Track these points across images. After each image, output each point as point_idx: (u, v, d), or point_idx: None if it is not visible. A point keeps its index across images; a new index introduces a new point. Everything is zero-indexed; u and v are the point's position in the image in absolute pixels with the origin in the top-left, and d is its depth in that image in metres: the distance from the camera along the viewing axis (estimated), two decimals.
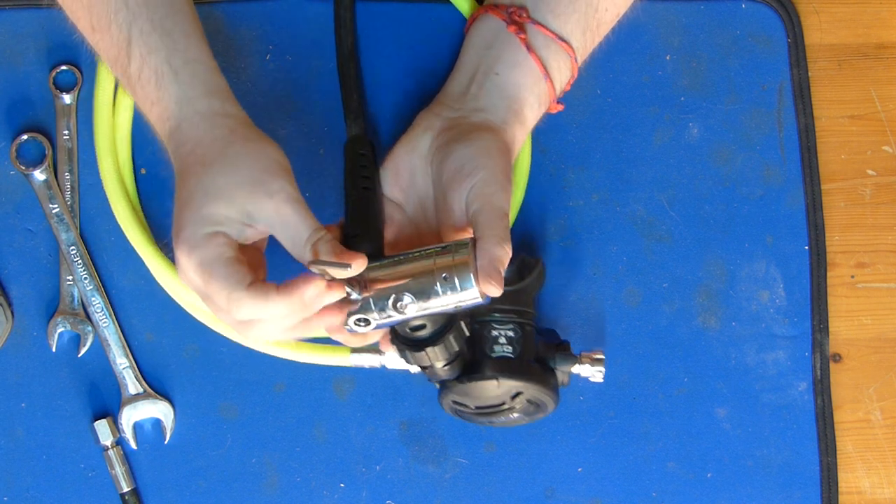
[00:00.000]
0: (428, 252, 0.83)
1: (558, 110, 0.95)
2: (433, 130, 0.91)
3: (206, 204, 0.80)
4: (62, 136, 0.98)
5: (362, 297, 0.81)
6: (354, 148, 0.93)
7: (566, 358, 0.90)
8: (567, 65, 0.92)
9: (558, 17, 0.91)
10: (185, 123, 0.82)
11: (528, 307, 0.90)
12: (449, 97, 0.93)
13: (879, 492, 0.98)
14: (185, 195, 0.81)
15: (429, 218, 0.91)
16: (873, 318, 1.00)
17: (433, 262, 0.82)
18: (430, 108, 0.93)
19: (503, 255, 0.82)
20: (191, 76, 0.83)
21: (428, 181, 0.90)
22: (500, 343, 0.88)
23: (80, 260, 0.96)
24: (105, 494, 0.95)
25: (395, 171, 0.91)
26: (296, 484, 0.96)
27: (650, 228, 0.99)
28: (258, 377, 0.96)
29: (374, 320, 0.82)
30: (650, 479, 0.97)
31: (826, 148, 1.01)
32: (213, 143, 0.82)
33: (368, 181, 0.91)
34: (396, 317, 0.82)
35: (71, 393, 0.96)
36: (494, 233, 0.83)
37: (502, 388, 0.87)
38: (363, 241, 0.86)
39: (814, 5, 1.03)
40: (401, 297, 0.81)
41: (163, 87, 0.82)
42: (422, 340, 0.84)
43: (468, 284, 0.81)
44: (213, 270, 0.79)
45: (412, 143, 0.91)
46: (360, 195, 0.89)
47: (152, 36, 0.83)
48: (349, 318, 0.82)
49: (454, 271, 0.81)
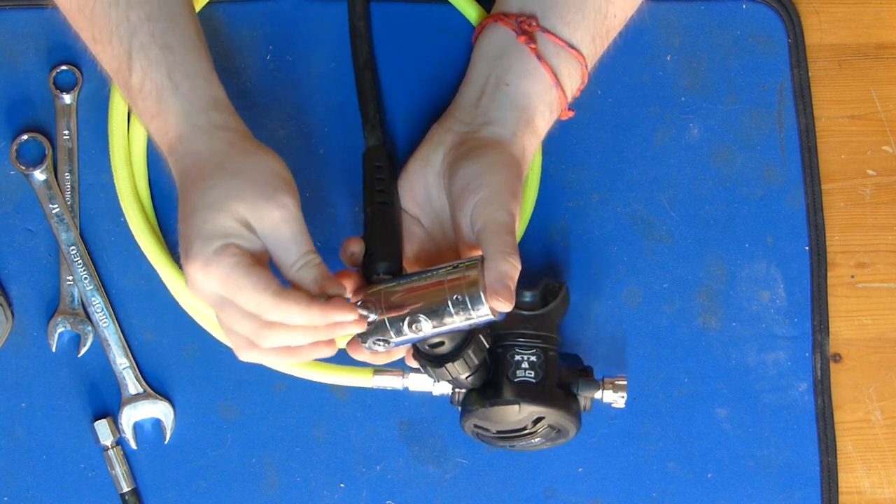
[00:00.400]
0: (439, 272, 0.83)
1: (569, 117, 0.94)
2: (445, 146, 0.91)
3: (209, 218, 0.80)
4: (62, 136, 0.98)
5: (378, 318, 0.82)
6: (371, 160, 0.94)
7: (589, 384, 0.90)
8: (578, 72, 0.92)
9: (568, 25, 0.91)
10: (184, 137, 0.82)
11: (551, 332, 0.90)
12: (460, 110, 0.92)
13: (879, 492, 0.98)
14: (189, 210, 0.81)
15: (447, 233, 0.91)
16: (873, 318, 1.00)
17: (444, 283, 0.82)
18: (441, 122, 0.93)
19: (510, 270, 0.82)
20: (191, 90, 0.83)
21: (443, 197, 0.90)
22: (522, 368, 0.88)
23: (80, 260, 0.96)
24: (105, 494, 0.95)
25: (409, 187, 0.92)
26: (296, 484, 0.96)
27: (650, 228, 0.99)
28: (258, 377, 0.96)
29: (392, 340, 0.83)
30: (650, 480, 0.97)
31: (826, 148, 1.01)
32: (212, 156, 0.82)
33: (385, 195, 0.91)
34: (413, 336, 0.83)
35: (71, 393, 0.96)
36: (499, 248, 0.83)
37: (524, 413, 0.87)
38: (380, 258, 0.86)
39: (814, 5, 1.03)
40: (416, 318, 0.82)
41: (163, 100, 0.82)
42: (442, 356, 0.85)
43: (479, 304, 0.81)
44: (237, 280, 0.79)
45: (425, 159, 0.91)
46: (375, 210, 0.90)
47: (153, 49, 0.82)
48: (368, 338, 0.83)
49: (464, 291, 0.81)
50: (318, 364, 0.95)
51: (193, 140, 0.82)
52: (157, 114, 0.83)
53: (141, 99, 0.83)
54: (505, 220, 0.85)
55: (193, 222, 0.80)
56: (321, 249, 0.95)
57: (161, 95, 0.82)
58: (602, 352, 0.98)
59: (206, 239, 0.79)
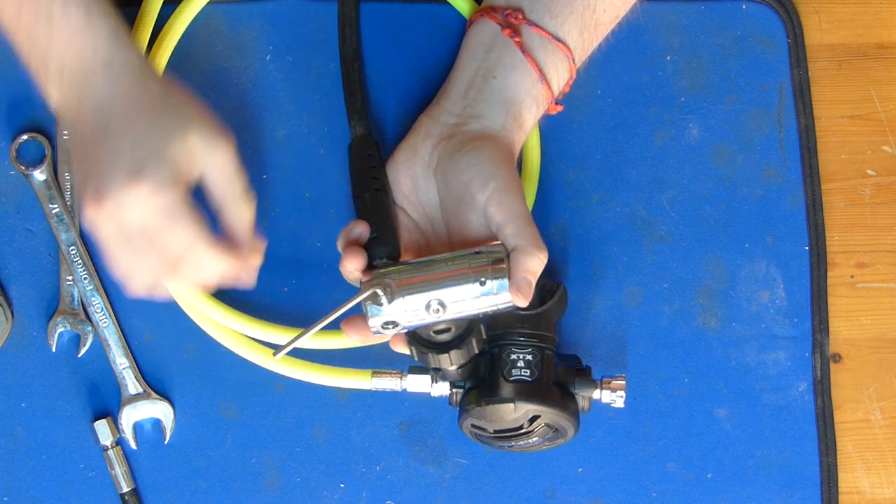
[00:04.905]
0: (461, 258, 0.83)
1: (558, 111, 0.95)
2: (433, 138, 0.91)
3: (164, 145, 0.80)
4: (62, 136, 0.98)
5: (390, 301, 0.82)
6: (362, 148, 0.93)
7: (586, 383, 0.90)
8: (565, 66, 0.92)
9: (555, 18, 0.91)
10: (122, 62, 0.82)
11: (548, 332, 0.90)
12: (448, 99, 0.92)
13: (879, 492, 0.98)
14: (141, 132, 0.80)
15: (435, 226, 0.91)
16: (873, 318, 1.00)
17: (469, 268, 0.83)
18: (429, 113, 0.93)
19: (537, 265, 0.83)
20: (118, 19, 0.82)
21: (431, 190, 0.90)
22: (518, 367, 0.88)
23: (80, 260, 0.96)
24: (105, 494, 0.95)
25: (396, 177, 0.91)
26: (296, 484, 0.96)
27: (650, 228, 0.99)
28: (258, 377, 0.96)
29: (401, 323, 0.83)
30: (650, 480, 0.97)
31: (826, 148, 1.01)
32: (156, 86, 0.82)
33: (378, 182, 0.91)
34: (426, 320, 0.83)
35: (71, 393, 0.96)
36: (528, 242, 0.84)
37: (519, 412, 0.87)
38: (382, 243, 0.86)
39: (814, 5, 1.03)
40: (434, 301, 0.82)
41: (92, 20, 0.81)
42: (445, 344, 0.85)
43: (504, 291, 0.82)
44: (181, 214, 0.80)
45: (413, 150, 0.91)
46: (374, 196, 0.90)
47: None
48: (375, 320, 0.83)
49: (491, 278, 0.82)
50: (316, 366, 0.95)
51: (134, 66, 0.82)
52: (84, 29, 0.81)
53: (65, 18, 0.81)
54: (526, 212, 0.85)
55: (147, 145, 0.79)
56: (321, 249, 0.96)
57: (91, 21, 0.81)
58: (602, 352, 0.98)
59: (163, 164, 0.79)
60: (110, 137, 0.80)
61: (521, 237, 0.84)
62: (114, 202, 0.79)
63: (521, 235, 0.84)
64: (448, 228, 0.90)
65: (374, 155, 0.93)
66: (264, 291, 0.96)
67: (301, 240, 0.98)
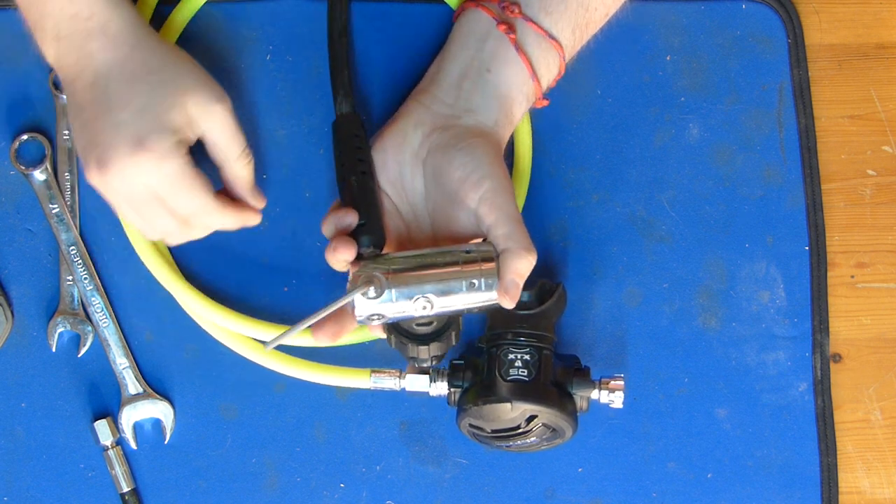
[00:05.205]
0: (451, 254, 0.84)
1: (543, 105, 0.94)
2: (425, 126, 0.90)
3: (166, 111, 0.81)
4: (62, 136, 0.98)
5: (380, 293, 0.83)
6: (348, 127, 0.92)
7: (584, 383, 0.90)
8: (556, 62, 0.92)
9: (550, 15, 0.91)
10: (119, 26, 0.83)
11: (547, 332, 0.90)
12: (440, 89, 0.91)
13: (879, 492, 0.98)
14: (141, 101, 0.81)
15: (417, 213, 0.90)
16: (873, 318, 1.00)
17: (459, 267, 0.83)
18: (419, 99, 0.92)
19: (525, 267, 0.84)
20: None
21: (417, 178, 0.90)
22: (515, 366, 0.88)
23: (80, 260, 0.96)
24: (105, 494, 0.95)
25: (383, 160, 0.91)
26: (296, 484, 0.96)
27: (650, 228, 0.99)
28: (258, 377, 0.96)
29: (388, 315, 0.83)
30: (650, 480, 0.97)
31: (826, 148, 1.01)
32: (151, 52, 0.83)
33: (364, 164, 0.90)
34: (412, 314, 0.83)
35: (71, 393, 0.96)
36: (519, 244, 0.84)
37: (516, 412, 0.87)
38: (367, 231, 0.87)
39: (814, 5, 1.03)
40: (423, 295, 0.83)
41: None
42: (425, 336, 0.86)
43: (492, 291, 0.83)
44: (187, 178, 0.83)
45: (402, 135, 0.90)
46: (360, 181, 0.89)
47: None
48: (363, 310, 0.83)
49: (482, 278, 0.83)
50: (316, 365, 0.95)
51: (131, 30, 0.83)
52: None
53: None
54: (517, 213, 0.85)
55: (148, 115, 0.81)
56: (321, 249, 0.95)
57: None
58: (601, 352, 0.98)
59: (164, 133, 0.81)
60: (112, 108, 0.81)
61: (512, 239, 0.84)
62: (119, 174, 0.81)
63: (513, 238, 0.84)
64: (432, 220, 0.89)
65: (360, 135, 0.92)
66: (264, 291, 0.96)
67: (301, 240, 0.98)
